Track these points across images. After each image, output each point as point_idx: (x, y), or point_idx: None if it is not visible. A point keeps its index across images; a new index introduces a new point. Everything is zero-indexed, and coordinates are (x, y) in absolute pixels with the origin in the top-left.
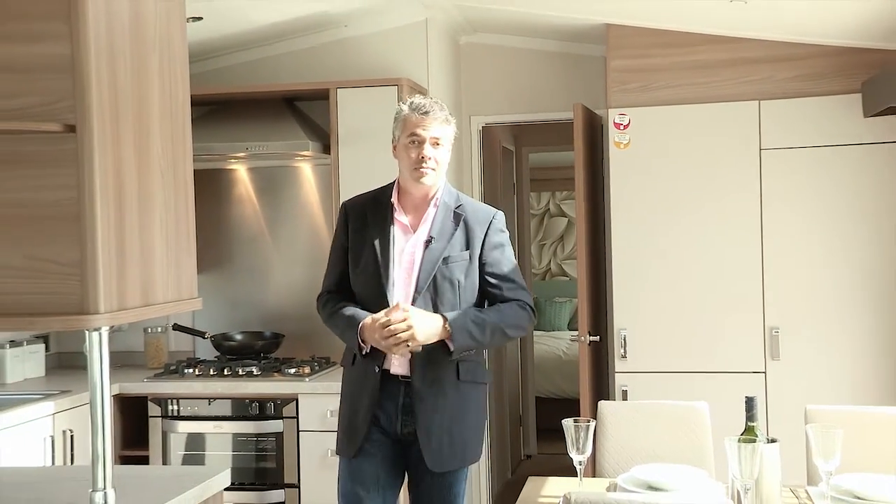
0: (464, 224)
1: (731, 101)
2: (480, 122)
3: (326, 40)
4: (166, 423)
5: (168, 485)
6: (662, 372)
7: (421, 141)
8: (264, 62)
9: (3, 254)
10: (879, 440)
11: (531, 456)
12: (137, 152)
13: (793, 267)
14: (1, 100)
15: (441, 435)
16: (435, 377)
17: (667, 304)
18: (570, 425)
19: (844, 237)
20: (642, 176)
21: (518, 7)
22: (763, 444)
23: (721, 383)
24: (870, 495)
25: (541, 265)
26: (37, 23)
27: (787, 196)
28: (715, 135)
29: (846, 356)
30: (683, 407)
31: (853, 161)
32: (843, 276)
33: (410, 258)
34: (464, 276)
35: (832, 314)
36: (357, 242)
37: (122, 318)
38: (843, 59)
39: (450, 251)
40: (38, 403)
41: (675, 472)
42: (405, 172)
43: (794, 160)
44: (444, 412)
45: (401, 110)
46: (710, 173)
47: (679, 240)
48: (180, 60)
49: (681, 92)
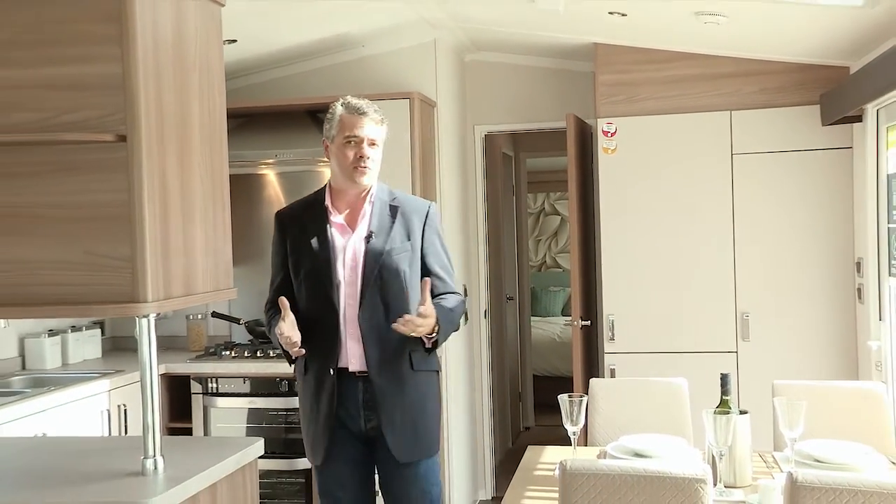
0: (401, 216)
1: (706, 111)
2: (483, 130)
3: (346, 59)
4: (207, 399)
5: (210, 453)
6: (646, 352)
7: (358, 141)
8: (290, 79)
9: (65, 250)
10: (837, 410)
11: (529, 428)
12: (180, 159)
13: (761, 258)
14: (63, 114)
15: (405, 426)
16: (391, 369)
17: (650, 292)
18: (564, 400)
19: (805, 232)
20: (628, 178)
21: (517, 29)
22: (735, 416)
23: (698, 362)
24: (828, 459)
25: (537, 258)
26: (94, 47)
27: (756, 195)
28: (692, 141)
29: (808, 337)
30: (665, 383)
31: (812, 164)
32: (804, 266)
33: (353, 255)
34: (408, 266)
35: (795, 300)
36: (297, 249)
37: (168, 307)
38: (802, 75)
39: (391, 244)
40: (96, 381)
41: (657, 440)
42: (341, 172)
43: (762, 164)
44: (404, 403)
45: (335, 110)
46: (688, 175)
47: (661, 235)
48: (217, 78)
49: (661, 103)
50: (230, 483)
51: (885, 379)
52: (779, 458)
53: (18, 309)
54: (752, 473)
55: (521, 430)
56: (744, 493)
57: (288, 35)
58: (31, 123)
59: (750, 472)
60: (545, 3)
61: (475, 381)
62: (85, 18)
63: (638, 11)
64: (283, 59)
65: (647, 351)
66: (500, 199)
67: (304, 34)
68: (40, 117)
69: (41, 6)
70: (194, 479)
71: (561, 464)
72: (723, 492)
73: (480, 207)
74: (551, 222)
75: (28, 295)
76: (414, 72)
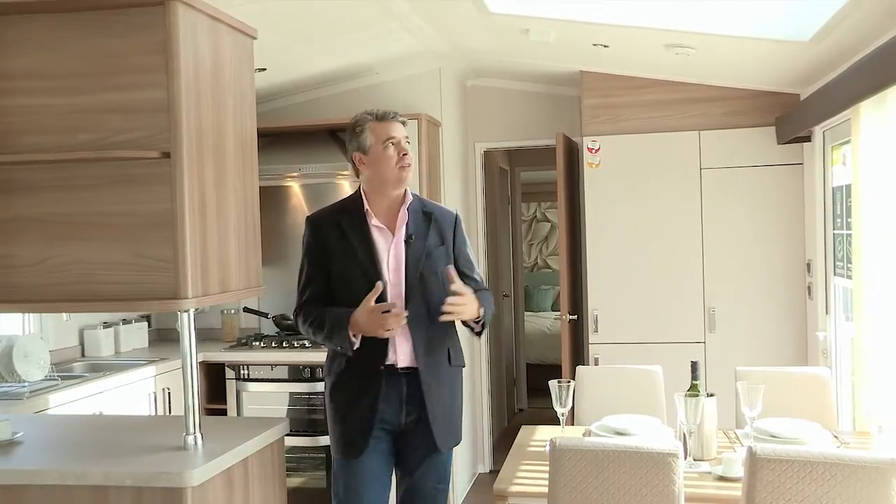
0: (434, 222)
1: (678, 131)
2: (482, 147)
3: (361, 85)
4: (239, 383)
5: (242, 430)
6: (626, 343)
7: (397, 142)
8: (313, 102)
9: (118, 253)
10: (790, 392)
11: (523, 409)
12: (216, 173)
13: (725, 260)
14: (117, 135)
15: (444, 416)
16: (435, 365)
17: (629, 290)
18: (554, 385)
19: (762, 236)
20: (610, 189)
21: (512, 58)
22: (703, 398)
23: (671, 351)
24: (782, 434)
25: (530, 259)
26: (143, 76)
27: (721, 205)
28: (665, 157)
29: (765, 328)
30: (642, 370)
31: (769, 178)
32: (762, 266)
33: (395, 258)
34: (444, 266)
35: (754, 296)
36: (339, 252)
37: (205, 302)
38: (760, 100)
39: (429, 247)
40: (144, 367)
41: (636, 420)
42: (388, 174)
43: (726, 177)
44: (443, 396)
45: (364, 122)
46: (663, 187)
47: (639, 239)
48: (249, 102)
49: (639, 124)
50: (260, 457)
51: (830, 365)
52: (740, 434)
53: (79, 304)
54: (717, 448)
55: (515, 412)
56: (710, 465)
57: (311, 64)
58: (91, 143)
59: (715, 446)
60: (537, 35)
61: (475, 368)
62: (136, 52)
63: (618, 44)
64: (307, 85)
65: (626, 342)
66: (497, 208)
67: (326, 63)
68: (98, 137)
69: (100, 42)
70: (229, 454)
71: (551, 441)
72: (692, 464)
73: (480, 215)
74: (542, 228)
75: (87, 292)
76: (421, 96)
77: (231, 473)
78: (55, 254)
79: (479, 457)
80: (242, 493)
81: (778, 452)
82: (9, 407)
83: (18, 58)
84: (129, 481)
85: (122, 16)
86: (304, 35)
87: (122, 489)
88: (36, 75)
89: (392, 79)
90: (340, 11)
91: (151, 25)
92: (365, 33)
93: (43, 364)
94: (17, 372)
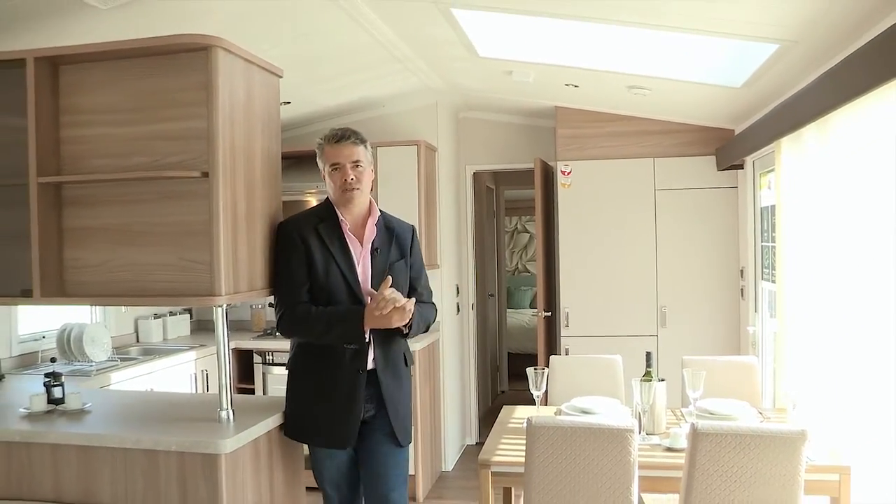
0: (396, 236)
1: (636, 158)
2: (472, 169)
3: (370, 116)
4: (265, 367)
5: (268, 407)
6: (592, 336)
7: (341, 167)
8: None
9: (166, 256)
10: (725, 377)
11: (504, 391)
12: (247, 190)
13: (675, 266)
14: (165, 157)
15: (402, 414)
16: (394, 367)
17: (596, 291)
18: (531, 371)
19: (705, 247)
20: (580, 206)
21: (498, 94)
22: (655, 382)
23: (628, 343)
24: (718, 412)
25: (511, 265)
26: (188, 108)
27: (672, 220)
28: (626, 180)
29: (706, 324)
30: (605, 359)
31: (710, 198)
32: (705, 272)
33: (363, 268)
34: (403, 279)
35: (699, 297)
36: (321, 256)
37: (236, 299)
38: (704, 134)
39: (391, 259)
40: (186, 352)
41: (599, 401)
42: (334, 196)
43: (676, 197)
44: (399, 395)
45: (321, 143)
46: (623, 205)
47: (603, 248)
48: (275, 130)
49: (604, 151)
50: (281, 430)
51: (758, 354)
52: (685, 412)
53: (133, 299)
54: (666, 424)
55: (498, 393)
56: (660, 439)
57: (328, 98)
58: (144, 164)
59: (665, 423)
60: (519, 76)
61: (464, 356)
62: (182, 89)
63: (587, 84)
64: (324, 116)
65: (592, 335)
66: (484, 221)
67: (340, 98)
68: (150, 160)
69: (153, 82)
70: (256, 427)
71: (528, 419)
72: (645, 438)
73: (469, 227)
74: (522, 238)
75: (140, 288)
76: (421, 125)
77: (258, 443)
78: (115, 256)
79: (468, 431)
80: (267, 459)
81: (714, 428)
82: (80, 382)
83: (87, 96)
84: (175, 447)
85: (171, 60)
86: (323, 74)
87: (169, 453)
88: (101, 110)
89: (397, 111)
90: (353, 55)
91: (196, 67)
92: (373, 73)
93: (106, 347)
94: (86, 353)
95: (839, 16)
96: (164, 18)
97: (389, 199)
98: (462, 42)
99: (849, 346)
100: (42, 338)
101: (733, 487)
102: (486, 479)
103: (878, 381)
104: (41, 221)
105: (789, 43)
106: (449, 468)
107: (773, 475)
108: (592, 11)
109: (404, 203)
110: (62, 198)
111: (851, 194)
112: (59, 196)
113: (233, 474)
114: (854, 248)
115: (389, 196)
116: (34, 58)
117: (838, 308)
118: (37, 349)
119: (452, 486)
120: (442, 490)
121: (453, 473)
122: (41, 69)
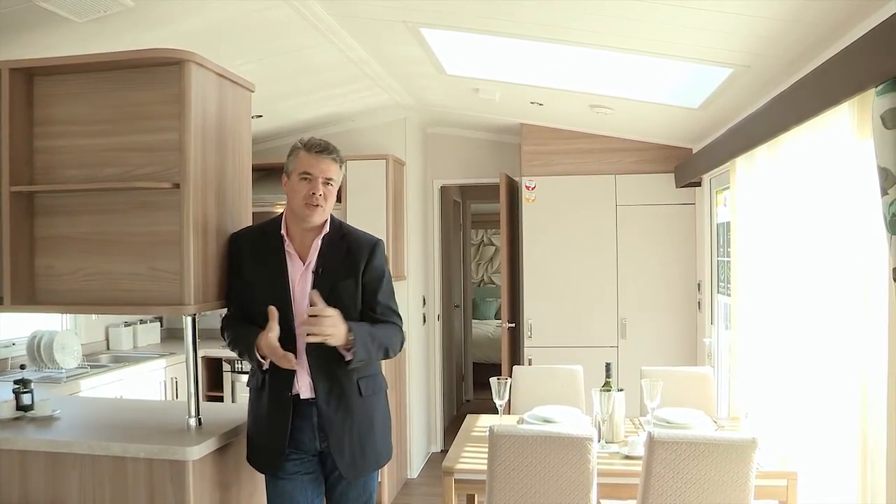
0: (348, 252)
1: (598, 174)
2: (440, 183)
3: (340, 130)
4: (234, 376)
5: (235, 414)
6: (554, 346)
7: (313, 178)
8: None
9: (136, 265)
10: (682, 387)
11: (469, 400)
12: (217, 202)
13: (635, 279)
14: (137, 169)
15: (353, 449)
16: (340, 398)
17: (557, 303)
18: (494, 381)
19: (663, 261)
20: (544, 220)
21: (465, 111)
22: (615, 392)
23: (590, 354)
24: (675, 420)
25: (477, 276)
26: (160, 121)
27: (632, 235)
28: (588, 195)
29: (664, 336)
30: (566, 369)
31: (669, 214)
32: (663, 285)
33: (301, 287)
34: (351, 301)
35: (657, 310)
36: (252, 273)
37: (204, 308)
38: (663, 152)
39: (336, 279)
40: (156, 360)
41: (560, 410)
42: (294, 206)
43: (636, 213)
44: (352, 429)
45: (298, 147)
46: (586, 219)
47: (566, 261)
48: (246, 143)
49: (567, 167)
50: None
51: (713, 365)
52: (643, 421)
53: (104, 307)
54: (624, 432)
55: (463, 402)
56: (618, 447)
57: (299, 113)
58: (116, 175)
59: (623, 431)
60: (485, 93)
61: (430, 365)
62: (155, 102)
63: (551, 103)
64: (295, 130)
65: (555, 346)
66: (450, 233)
67: (311, 112)
68: (122, 171)
69: (125, 94)
70: (223, 434)
71: (490, 428)
72: (604, 446)
73: (437, 239)
74: (488, 251)
75: (111, 297)
76: (389, 140)
77: (225, 451)
78: (86, 265)
79: (433, 439)
80: (235, 467)
81: (671, 436)
82: (50, 389)
83: (60, 107)
84: (143, 454)
85: (144, 73)
86: (294, 89)
87: (137, 460)
88: (74, 121)
89: (366, 126)
90: (324, 71)
91: (169, 81)
92: (344, 89)
93: (76, 355)
94: (56, 360)
95: (787, 44)
96: (139, 32)
97: (358, 212)
98: (430, 60)
99: (799, 358)
100: (12, 345)
101: (688, 493)
102: (449, 485)
103: (825, 392)
104: (13, 230)
105: (742, 68)
106: (414, 475)
107: (725, 481)
108: (549, 33)
109: (372, 215)
110: (34, 207)
111: (801, 211)
112: (31, 205)
113: (200, 481)
114: (803, 262)
115: (358, 208)
116: (9, 69)
117: (789, 321)
118: (7, 356)
119: (417, 492)
120: (407, 497)
121: (418, 480)
122: (16, 80)
